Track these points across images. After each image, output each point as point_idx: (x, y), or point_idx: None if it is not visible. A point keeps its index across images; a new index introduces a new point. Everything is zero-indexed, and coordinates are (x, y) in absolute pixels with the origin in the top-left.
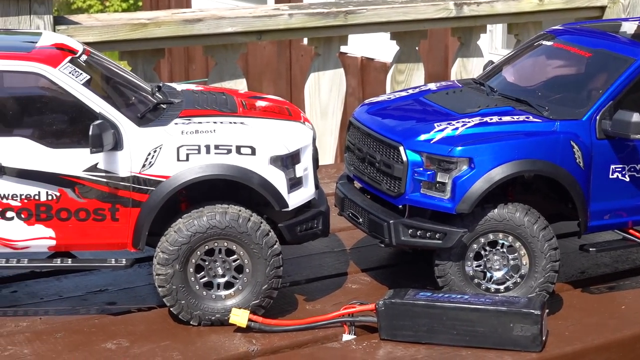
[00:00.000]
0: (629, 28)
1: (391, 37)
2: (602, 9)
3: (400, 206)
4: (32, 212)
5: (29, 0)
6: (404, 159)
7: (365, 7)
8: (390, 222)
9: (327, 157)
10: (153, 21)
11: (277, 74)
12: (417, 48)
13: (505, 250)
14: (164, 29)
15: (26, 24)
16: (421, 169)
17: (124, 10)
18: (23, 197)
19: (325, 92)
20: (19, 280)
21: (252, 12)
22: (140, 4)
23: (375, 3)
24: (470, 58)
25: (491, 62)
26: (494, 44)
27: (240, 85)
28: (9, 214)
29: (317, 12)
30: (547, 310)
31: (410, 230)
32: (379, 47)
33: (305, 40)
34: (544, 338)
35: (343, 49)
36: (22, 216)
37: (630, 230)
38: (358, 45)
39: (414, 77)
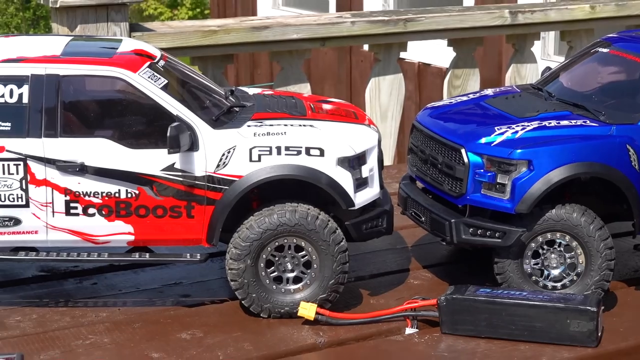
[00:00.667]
0: None
1: (448, 44)
2: None
3: (461, 206)
4: (112, 208)
5: (107, 8)
6: (466, 160)
7: (423, 15)
8: (452, 221)
9: (387, 158)
10: (222, 28)
11: (337, 79)
12: (473, 54)
13: (562, 249)
14: (232, 36)
15: (104, 30)
16: (482, 170)
17: (191, 18)
18: (104, 194)
19: (385, 96)
20: (99, 273)
21: (316, 20)
22: (207, 12)
23: (433, 11)
24: (524, 64)
25: (549, 68)
26: (546, 50)
27: (304, 89)
28: (91, 210)
29: (378, 20)
30: (602, 307)
31: (471, 229)
32: (435, 53)
33: (366, 47)
34: (599, 334)
35: (401, 54)
36: (103, 212)
37: None
38: (415, 51)
39: (470, 82)
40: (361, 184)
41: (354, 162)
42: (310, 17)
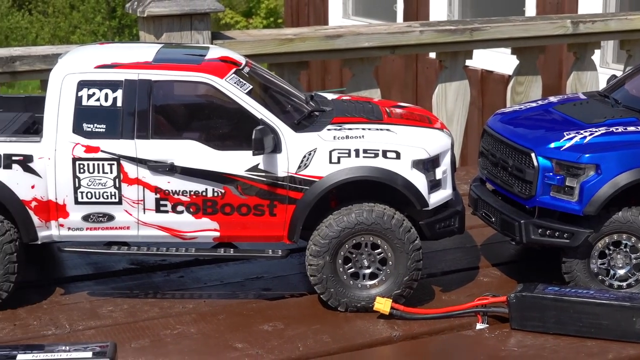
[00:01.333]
0: None
1: (512, 52)
2: None
3: (530, 207)
4: (199, 206)
5: (190, 18)
6: (536, 164)
7: (489, 24)
8: (522, 222)
9: None
10: (298, 36)
11: (404, 85)
12: (535, 62)
13: (628, 250)
14: (308, 44)
15: (187, 38)
16: (551, 173)
17: (265, 27)
18: (192, 193)
19: (451, 101)
20: (186, 267)
21: (386, 29)
22: (280, 21)
23: (498, 21)
24: (585, 71)
25: (614, 76)
26: (605, 58)
27: (374, 94)
28: (180, 208)
29: (446, 29)
30: None
31: (540, 230)
32: (496, 60)
33: (432, 54)
34: None
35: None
36: (191, 210)
37: None
38: (477, 59)
39: (532, 89)
40: (435, 185)
41: (428, 165)
42: (381, 27)
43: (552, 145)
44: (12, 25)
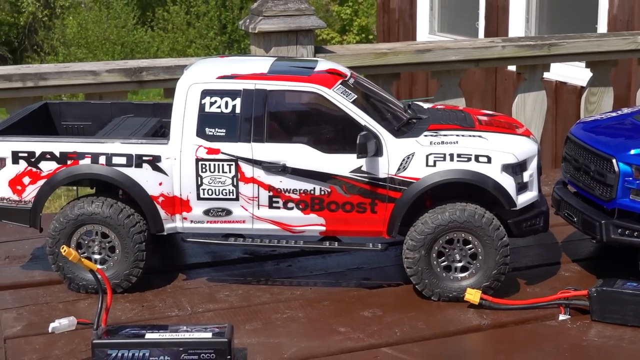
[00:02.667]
0: None
1: (586, 65)
2: None
3: (610, 209)
4: (308, 203)
5: (296, 34)
6: (616, 169)
7: (565, 40)
8: (603, 222)
9: None
10: (392, 51)
11: (484, 94)
12: (608, 75)
13: None
14: (400, 57)
15: (293, 52)
16: (631, 178)
17: (358, 43)
18: (301, 191)
19: (529, 110)
20: (293, 257)
21: (471, 44)
22: (370, 37)
23: (574, 37)
24: None
25: None
26: None
27: (459, 103)
28: (290, 204)
29: (526, 44)
30: None
31: (619, 230)
32: (570, 72)
33: (510, 67)
34: None
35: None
36: (300, 207)
37: None
38: (552, 71)
39: (605, 100)
40: (522, 187)
41: (516, 169)
42: (466, 42)
43: (632, 152)
44: (136, 40)
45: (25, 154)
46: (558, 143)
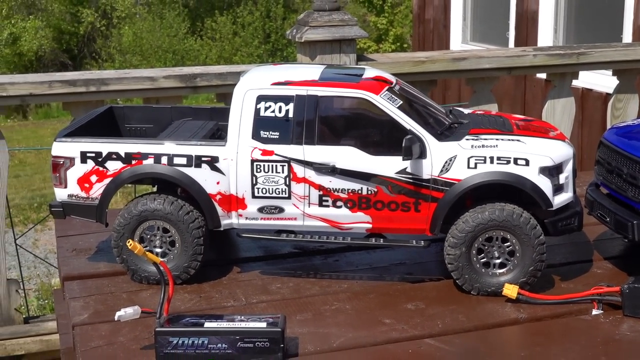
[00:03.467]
0: None
1: (613, 73)
2: None
3: None
4: (355, 202)
5: (340, 43)
6: None
7: (594, 49)
8: (634, 222)
9: None
10: (429, 59)
11: (513, 100)
12: (634, 82)
13: None
14: (437, 65)
15: (337, 60)
16: None
17: (393, 51)
18: (349, 191)
19: (559, 115)
20: (340, 252)
21: (504, 53)
22: (405, 45)
23: (601, 46)
24: None
25: None
26: None
27: (492, 108)
28: (339, 203)
29: (556, 54)
30: None
31: None
32: (595, 80)
33: (539, 75)
34: None
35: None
36: (348, 205)
37: None
38: (578, 79)
39: (630, 105)
40: (558, 189)
41: (553, 171)
42: (499, 51)
43: None
44: (187, 48)
45: (93, 154)
46: (584, 146)
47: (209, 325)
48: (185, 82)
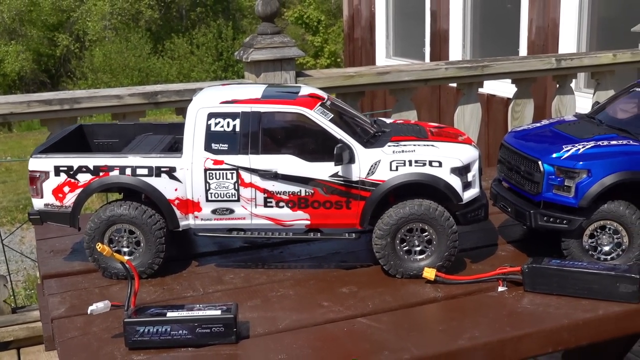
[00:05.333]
0: None
1: (512, 82)
2: None
3: (537, 201)
4: (295, 202)
5: (281, 62)
6: (542, 170)
7: (495, 62)
8: (531, 211)
9: None
10: (358, 74)
11: (430, 105)
12: (529, 89)
13: (611, 232)
14: (365, 79)
15: (278, 77)
16: (553, 176)
17: (328, 66)
18: (290, 193)
19: (468, 118)
20: (284, 245)
21: (421, 67)
22: (339, 60)
23: (501, 59)
24: (565, 95)
25: (597, 102)
26: (578, 85)
27: (412, 114)
28: (281, 204)
29: (464, 66)
30: None
31: (545, 218)
32: (498, 87)
33: (453, 84)
34: None
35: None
36: (289, 205)
37: None
38: (484, 86)
39: (527, 109)
40: (467, 185)
41: (462, 171)
42: (417, 65)
43: (554, 155)
44: (150, 66)
45: (65, 168)
46: (490, 144)
47: (171, 314)
48: (148, 99)
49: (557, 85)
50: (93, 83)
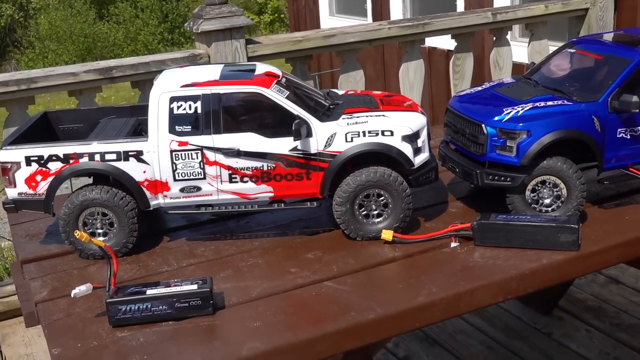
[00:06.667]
0: (619, 37)
1: (452, 37)
2: (586, 10)
3: (482, 161)
4: (259, 177)
5: (231, 31)
6: (485, 132)
7: (435, 19)
8: (477, 171)
9: None
10: (305, 38)
11: (375, 61)
12: (468, 42)
13: (551, 186)
14: (312, 42)
15: (229, 46)
16: (496, 138)
17: (272, 22)
18: (253, 168)
19: (412, 75)
20: (251, 215)
21: (365, 28)
22: (282, 15)
23: (441, 16)
24: (502, 47)
25: (533, 63)
26: (514, 35)
27: (358, 74)
28: (245, 179)
29: (405, 25)
30: (580, 223)
31: (490, 176)
32: (439, 40)
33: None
34: (579, 242)
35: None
36: (253, 180)
37: (630, 168)
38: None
39: (467, 62)
40: (417, 150)
41: (412, 138)
42: (361, 26)
43: (496, 118)
44: (96, 32)
45: (36, 157)
46: (433, 95)
47: (150, 292)
48: (103, 75)
49: (495, 38)
50: (41, 52)
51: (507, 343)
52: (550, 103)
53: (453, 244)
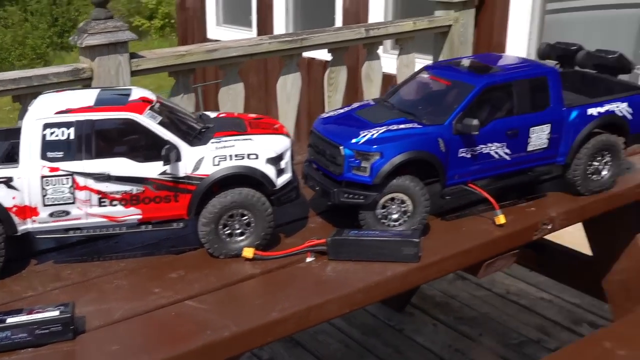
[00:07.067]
0: (471, 63)
1: (328, 51)
2: (449, 27)
3: (340, 180)
4: (128, 200)
5: (115, 45)
6: (343, 154)
7: (313, 35)
8: (334, 190)
9: (290, 132)
10: (188, 52)
11: (257, 70)
12: (343, 56)
13: (399, 202)
14: (195, 57)
15: (114, 59)
16: (353, 159)
17: (162, 27)
18: (122, 192)
19: (289, 86)
20: (119, 235)
21: (247, 43)
22: (172, 20)
23: (319, 31)
24: (373, 61)
25: (393, 86)
26: (386, 47)
27: (239, 87)
28: (115, 202)
29: (285, 40)
30: (422, 237)
31: (346, 195)
32: (317, 52)
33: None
34: (420, 254)
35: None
36: (122, 203)
37: (469, 184)
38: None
39: (341, 75)
40: (280, 172)
41: (276, 160)
42: (243, 41)
43: (353, 140)
44: None
45: None
46: (310, 102)
47: (10, 320)
48: None
49: (367, 52)
50: None
51: (363, 341)
52: (402, 126)
53: (308, 259)
